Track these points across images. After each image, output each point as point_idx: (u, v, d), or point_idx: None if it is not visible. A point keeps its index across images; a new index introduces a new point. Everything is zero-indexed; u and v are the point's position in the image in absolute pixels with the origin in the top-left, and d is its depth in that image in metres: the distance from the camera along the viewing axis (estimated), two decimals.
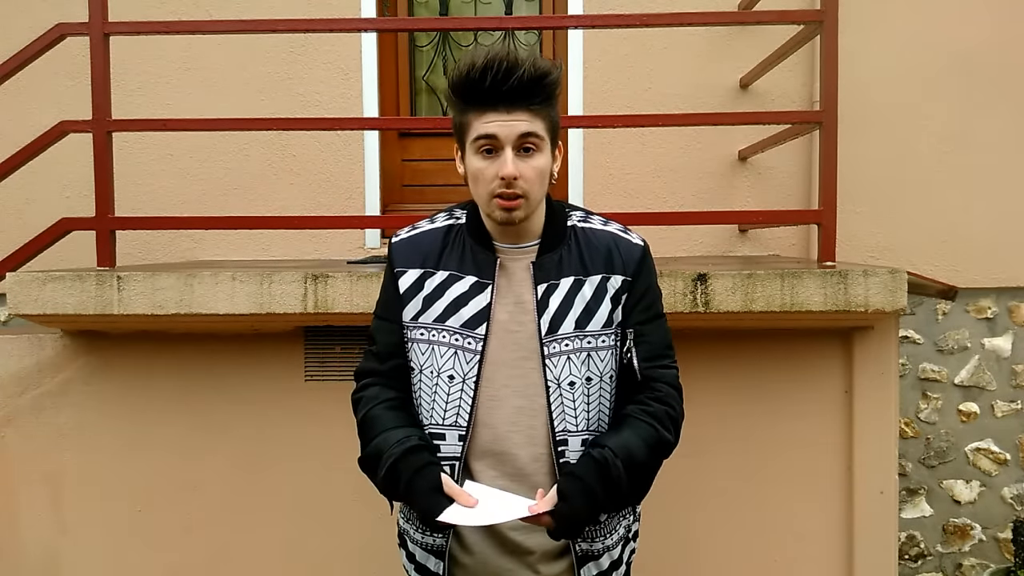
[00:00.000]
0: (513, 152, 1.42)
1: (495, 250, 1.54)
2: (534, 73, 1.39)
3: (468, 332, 1.49)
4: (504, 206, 1.44)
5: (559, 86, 1.47)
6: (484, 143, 1.43)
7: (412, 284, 1.54)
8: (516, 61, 1.38)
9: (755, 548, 2.69)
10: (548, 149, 1.47)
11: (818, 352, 2.65)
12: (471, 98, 1.42)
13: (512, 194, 1.43)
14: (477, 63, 1.39)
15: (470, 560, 1.55)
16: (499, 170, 1.42)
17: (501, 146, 1.42)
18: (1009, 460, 3.71)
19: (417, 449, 1.46)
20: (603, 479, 1.42)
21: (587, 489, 1.41)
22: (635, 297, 1.53)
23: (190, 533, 2.74)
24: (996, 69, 3.61)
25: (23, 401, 2.72)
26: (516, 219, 1.46)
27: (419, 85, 3.99)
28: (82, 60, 2.81)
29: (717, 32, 3.64)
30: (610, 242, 1.55)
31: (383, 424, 1.51)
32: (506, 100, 1.40)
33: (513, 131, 1.41)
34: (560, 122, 1.53)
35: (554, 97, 1.46)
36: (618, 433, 1.48)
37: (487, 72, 1.38)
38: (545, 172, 1.48)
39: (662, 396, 1.53)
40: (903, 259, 3.55)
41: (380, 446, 1.49)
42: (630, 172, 3.70)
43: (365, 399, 1.58)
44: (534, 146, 1.44)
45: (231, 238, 3.75)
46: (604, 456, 1.43)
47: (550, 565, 1.54)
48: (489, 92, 1.40)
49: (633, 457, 1.45)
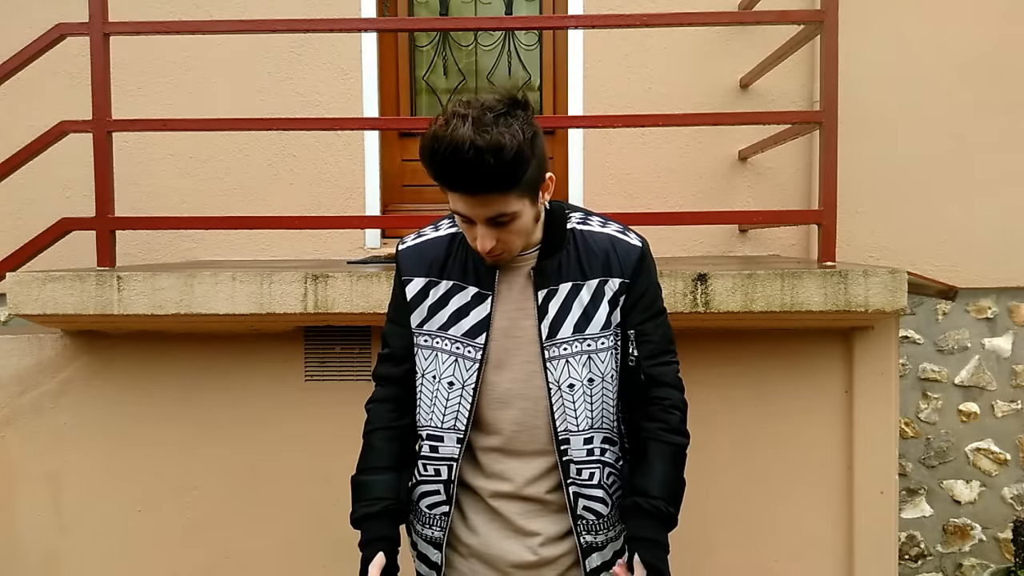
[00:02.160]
0: (487, 226, 1.42)
1: None
2: (498, 166, 1.31)
3: (468, 341, 1.54)
4: (488, 261, 1.51)
5: (527, 165, 1.36)
6: (458, 215, 1.45)
7: (418, 292, 1.58)
8: (480, 151, 1.29)
9: (755, 548, 2.69)
10: (527, 210, 1.44)
11: (818, 352, 2.65)
12: (437, 178, 1.37)
13: (492, 253, 1.47)
14: (439, 151, 1.31)
15: (475, 540, 1.59)
16: (476, 240, 1.44)
17: (474, 222, 1.42)
18: (1009, 460, 3.71)
19: (384, 514, 1.59)
20: (665, 524, 1.55)
21: (657, 545, 1.54)
22: (634, 298, 1.56)
23: (190, 533, 2.74)
24: (996, 69, 3.60)
25: (23, 401, 2.73)
26: (502, 263, 1.53)
27: (419, 85, 3.99)
28: (82, 60, 2.81)
29: (717, 32, 3.64)
30: (608, 245, 1.56)
31: (375, 461, 1.63)
32: (471, 190, 1.36)
33: (483, 214, 1.40)
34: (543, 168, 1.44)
35: (526, 169, 1.36)
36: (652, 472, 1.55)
37: (450, 164, 1.32)
38: (526, 228, 1.47)
39: (672, 404, 1.59)
40: (903, 259, 3.55)
41: (360, 489, 1.62)
42: (630, 172, 3.70)
43: (372, 415, 1.66)
44: (508, 219, 1.41)
45: (231, 238, 3.75)
46: (657, 508, 1.53)
47: (552, 547, 1.57)
48: (454, 182, 1.36)
49: (673, 488, 1.56)
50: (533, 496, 1.56)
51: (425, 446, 1.60)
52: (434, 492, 1.60)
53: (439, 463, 1.58)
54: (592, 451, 1.55)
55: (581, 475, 1.54)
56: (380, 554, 1.56)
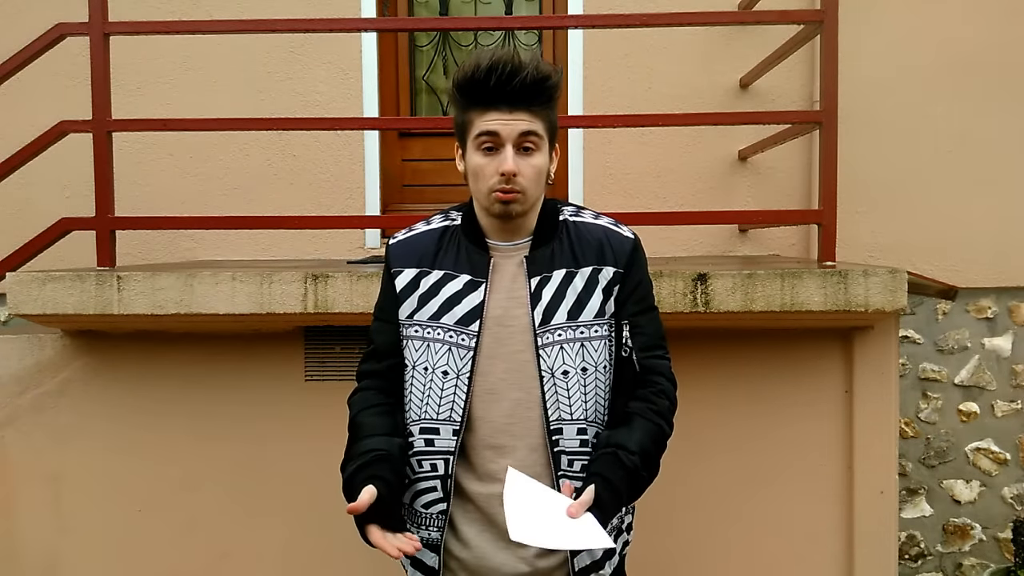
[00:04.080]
0: (513, 150, 1.48)
1: (489, 249, 1.58)
2: (536, 76, 1.45)
3: (462, 329, 1.54)
4: (502, 199, 1.49)
5: (559, 89, 1.52)
6: (486, 140, 1.48)
7: (408, 283, 1.59)
8: (520, 63, 1.44)
9: (755, 548, 2.69)
10: (546, 149, 1.53)
11: (818, 352, 2.65)
12: (475, 97, 1.48)
13: (511, 189, 1.48)
14: (482, 64, 1.44)
15: (467, 554, 1.57)
16: (499, 166, 1.48)
17: (502, 143, 1.48)
18: (1009, 460, 3.71)
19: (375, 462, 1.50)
20: (631, 484, 1.50)
21: (617, 495, 1.48)
22: (628, 289, 1.58)
23: (190, 533, 2.74)
24: (996, 69, 3.60)
25: (23, 401, 2.72)
26: (513, 212, 1.52)
27: (419, 85, 3.99)
28: (82, 60, 2.81)
29: (717, 32, 3.64)
30: (601, 235, 1.60)
31: (364, 431, 1.57)
32: (508, 100, 1.46)
33: (514, 129, 1.47)
34: (558, 124, 1.58)
35: (554, 100, 1.52)
36: (632, 433, 1.53)
37: (492, 73, 1.44)
38: (542, 171, 1.53)
39: (663, 390, 1.59)
40: (903, 259, 3.55)
41: (352, 452, 1.55)
42: (630, 172, 3.70)
43: (356, 402, 1.63)
44: (533, 145, 1.49)
45: (231, 238, 3.75)
46: (634, 464, 1.49)
47: (546, 559, 1.55)
48: (493, 92, 1.45)
49: (649, 459, 1.53)
50: None
51: (419, 441, 1.56)
52: (430, 489, 1.56)
53: (435, 457, 1.55)
54: (585, 443, 1.54)
55: (572, 467, 1.53)
56: (370, 486, 1.43)
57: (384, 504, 1.45)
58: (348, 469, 1.52)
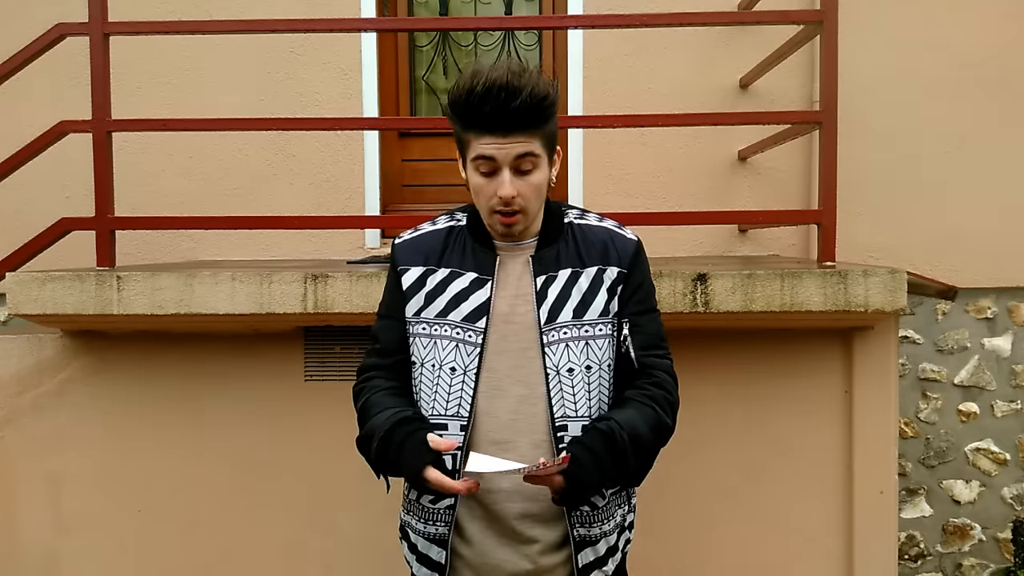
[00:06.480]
0: (511, 172, 1.47)
1: (495, 248, 1.60)
2: (531, 100, 1.42)
3: (468, 326, 1.55)
4: (503, 222, 1.52)
5: (557, 104, 1.49)
6: (482, 164, 1.48)
7: (415, 281, 1.60)
8: (516, 87, 1.40)
9: (755, 548, 2.69)
10: (545, 164, 1.52)
11: (818, 352, 2.65)
12: (469, 121, 1.46)
13: (511, 211, 1.50)
14: (477, 88, 1.41)
15: (470, 552, 1.57)
16: (497, 190, 1.47)
17: (499, 167, 1.47)
18: (1009, 460, 3.71)
19: (410, 419, 1.51)
20: (611, 449, 1.46)
21: (596, 456, 1.45)
22: (631, 289, 1.59)
23: (190, 533, 2.74)
24: (996, 69, 3.61)
25: (23, 401, 2.72)
26: (515, 232, 1.55)
27: (419, 85, 3.99)
28: (82, 60, 2.81)
29: (717, 32, 3.64)
30: (605, 236, 1.62)
31: (382, 406, 1.56)
32: (504, 126, 1.44)
33: (510, 153, 1.46)
34: (558, 129, 1.56)
35: (552, 116, 1.50)
36: (622, 410, 1.53)
37: (486, 99, 1.41)
38: (542, 187, 1.54)
39: (659, 382, 1.59)
40: (903, 259, 3.55)
41: (376, 422, 1.53)
42: (630, 172, 3.70)
43: (367, 388, 1.63)
44: (531, 164, 1.49)
45: (231, 238, 3.75)
46: (611, 428, 1.47)
47: (550, 556, 1.56)
48: (488, 118, 1.43)
49: (638, 433, 1.50)
50: (532, 494, 1.54)
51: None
52: None
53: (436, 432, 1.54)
54: None
55: None
56: (430, 433, 1.47)
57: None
58: (379, 432, 1.50)
